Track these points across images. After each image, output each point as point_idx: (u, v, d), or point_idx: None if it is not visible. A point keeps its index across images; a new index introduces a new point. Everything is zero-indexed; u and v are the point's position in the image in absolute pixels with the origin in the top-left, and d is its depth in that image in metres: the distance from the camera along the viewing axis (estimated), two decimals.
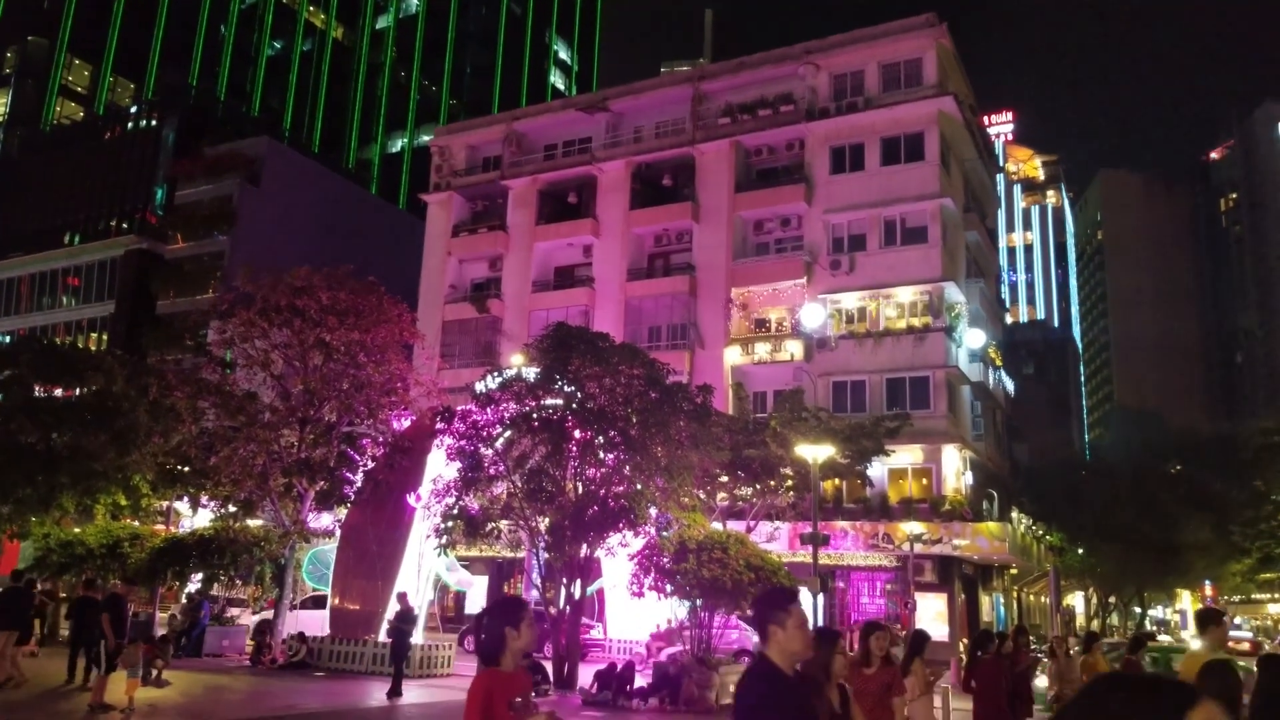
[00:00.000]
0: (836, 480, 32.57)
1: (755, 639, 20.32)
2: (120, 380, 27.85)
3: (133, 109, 68.48)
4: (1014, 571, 39.05)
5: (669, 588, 21.73)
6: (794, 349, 36.28)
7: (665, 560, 21.83)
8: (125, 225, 59.70)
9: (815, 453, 22.91)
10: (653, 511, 23.67)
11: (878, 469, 31.70)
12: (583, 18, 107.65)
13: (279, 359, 26.77)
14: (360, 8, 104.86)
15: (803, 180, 38.25)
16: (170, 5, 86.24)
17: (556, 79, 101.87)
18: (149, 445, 26.53)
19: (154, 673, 17.54)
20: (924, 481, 33.79)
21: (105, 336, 54.04)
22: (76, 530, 27.65)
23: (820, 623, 29.20)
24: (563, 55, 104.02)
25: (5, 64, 78.43)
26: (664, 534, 23.24)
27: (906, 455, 32.96)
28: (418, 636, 22.83)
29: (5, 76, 78.04)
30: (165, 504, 30.91)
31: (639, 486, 23.43)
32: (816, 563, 24.18)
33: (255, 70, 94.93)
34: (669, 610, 24.43)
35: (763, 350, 36.89)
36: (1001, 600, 39.68)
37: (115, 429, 26.20)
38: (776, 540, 29.30)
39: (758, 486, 28.18)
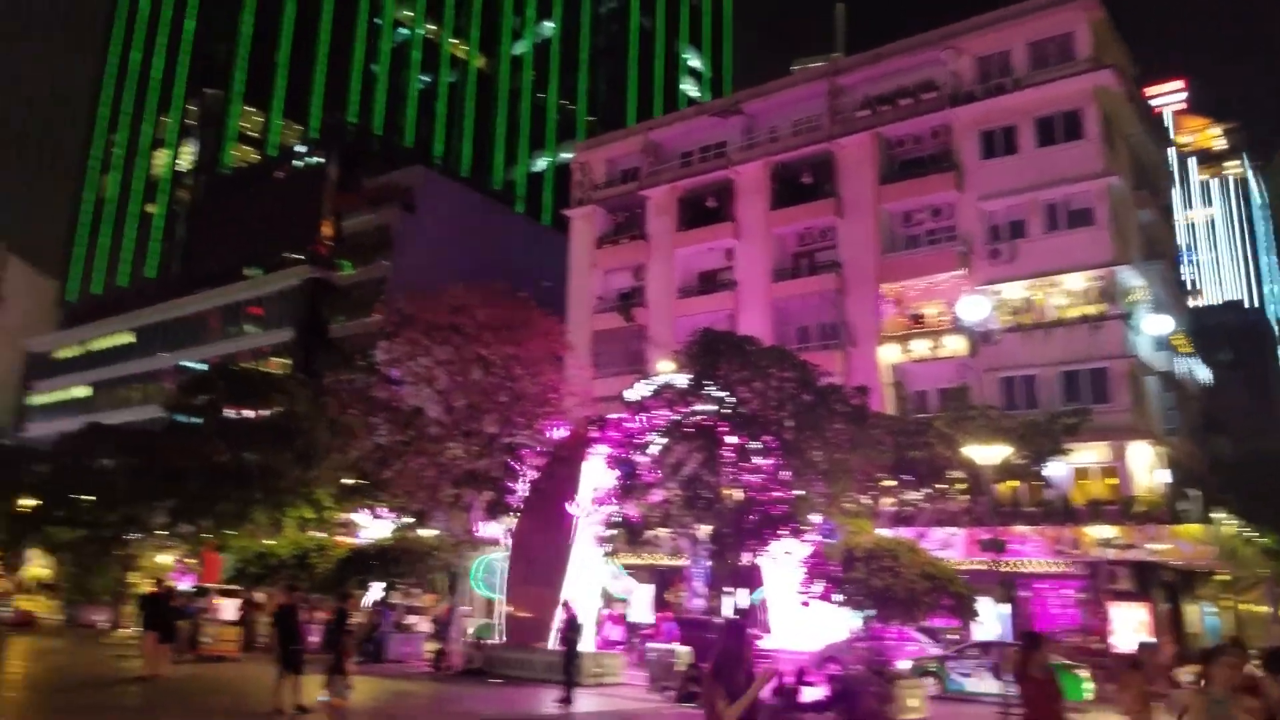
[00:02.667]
0: (1013, 482, 30.96)
1: (935, 650, 19.70)
2: (301, 401, 29.84)
3: (299, 148, 73.16)
4: (1224, 578, 35.62)
5: (838, 597, 21.32)
6: (955, 344, 34.99)
7: (833, 568, 21.45)
8: (299, 257, 63.77)
9: (986, 454, 21.80)
10: (815, 518, 23.34)
11: (1058, 469, 29.84)
12: (712, 25, 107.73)
13: (442, 375, 27.92)
14: (499, 36, 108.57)
15: (952, 168, 36.97)
16: (329, 50, 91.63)
17: (689, 87, 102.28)
18: (329, 461, 28.27)
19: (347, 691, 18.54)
20: (1112, 481, 31.74)
21: (287, 361, 57.85)
22: (269, 542, 29.72)
23: (1009, 633, 27.97)
24: (694, 63, 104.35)
25: (189, 116, 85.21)
26: (829, 541, 22.85)
27: (1089, 453, 31.09)
28: (588, 645, 23.32)
29: (189, 128, 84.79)
30: (346, 516, 32.80)
31: (799, 492, 23.17)
32: (997, 570, 23.20)
33: (406, 104, 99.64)
34: (838, 620, 23.95)
35: (921, 347, 35.79)
36: (1211, 610, 36.17)
37: (299, 447, 28.10)
38: (951, 548, 28.16)
39: (926, 491, 27.18)
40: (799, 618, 24.87)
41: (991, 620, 28.15)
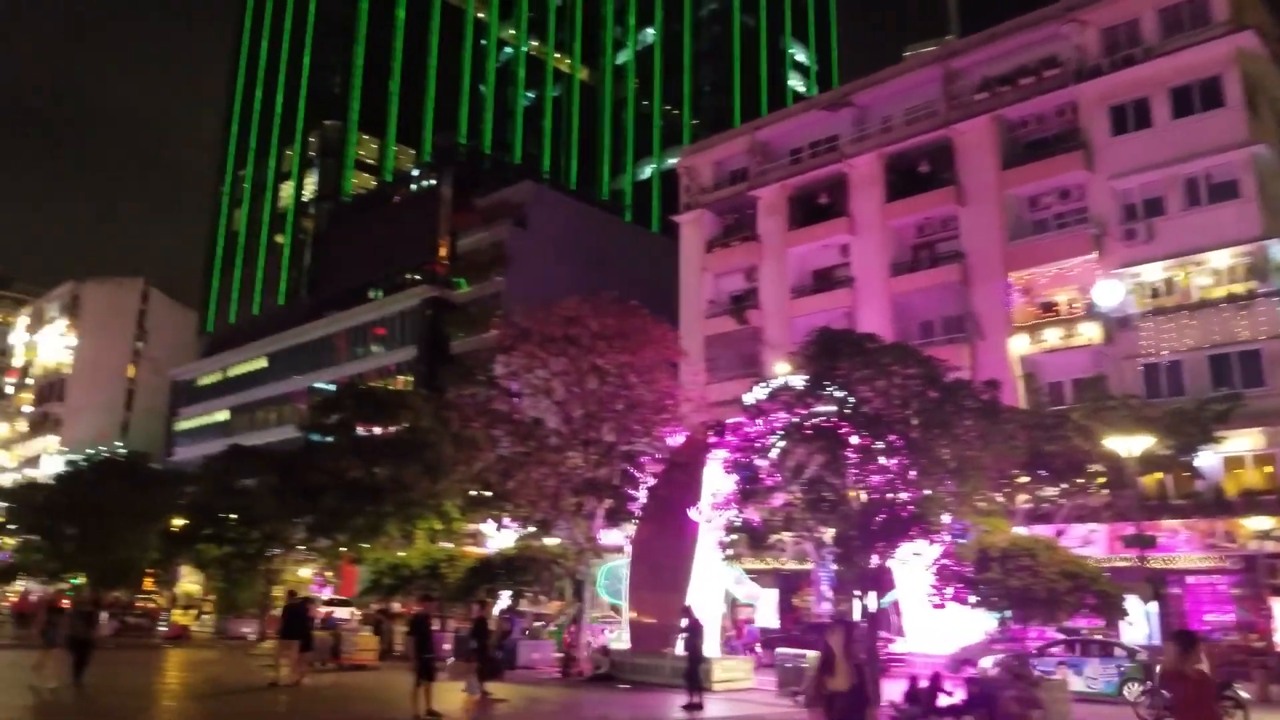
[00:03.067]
0: (1158, 474, 29.19)
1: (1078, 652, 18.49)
2: (426, 416, 30.59)
3: (414, 172, 75.48)
4: None
5: (973, 599, 20.43)
6: (1090, 332, 33.21)
7: (966, 569, 20.59)
8: (418, 277, 65.73)
9: (1129, 445, 20.62)
10: (945, 518, 22.47)
11: (1208, 459, 27.98)
12: (817, 18, 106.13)
13: (559, 386, 28.11)
14: (601, 47, 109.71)
15: (1079, 146, 35.16)
16: (437, 75, 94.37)
17: (795, 82, 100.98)
18: (455, 474, 28.86)
19: (478, 692, 18.85)
20: (1269, 470, 29.54)
21: (410, 378, 59.66)
22: (401, 554, 30.58)
23: (1157, 633, 26.39)
24: (800, 58, 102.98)
25: (310, 148, 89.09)
26: (960, 541, 21.96)
27: (1243, 441, 28.97)
28: (713, 650, 23.05)
29: (311, 159, 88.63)
30: (473, 526, 33.45)
31: (927, 492, 22.34)
32: (1144, 566, 21.87)
33: (513, 121, 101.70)
34: (974, 622, 23.01)
35: (1053, 336, 34.11)
36: None
37: (426, 460, 28.80)
38: (1093, 544, 26.74)
39: (1063, 486, 25.90)
40: (933, 621, 24.02)
41: (1140, 619, 26.59)
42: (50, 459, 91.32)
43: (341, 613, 37.49)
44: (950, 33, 46.99)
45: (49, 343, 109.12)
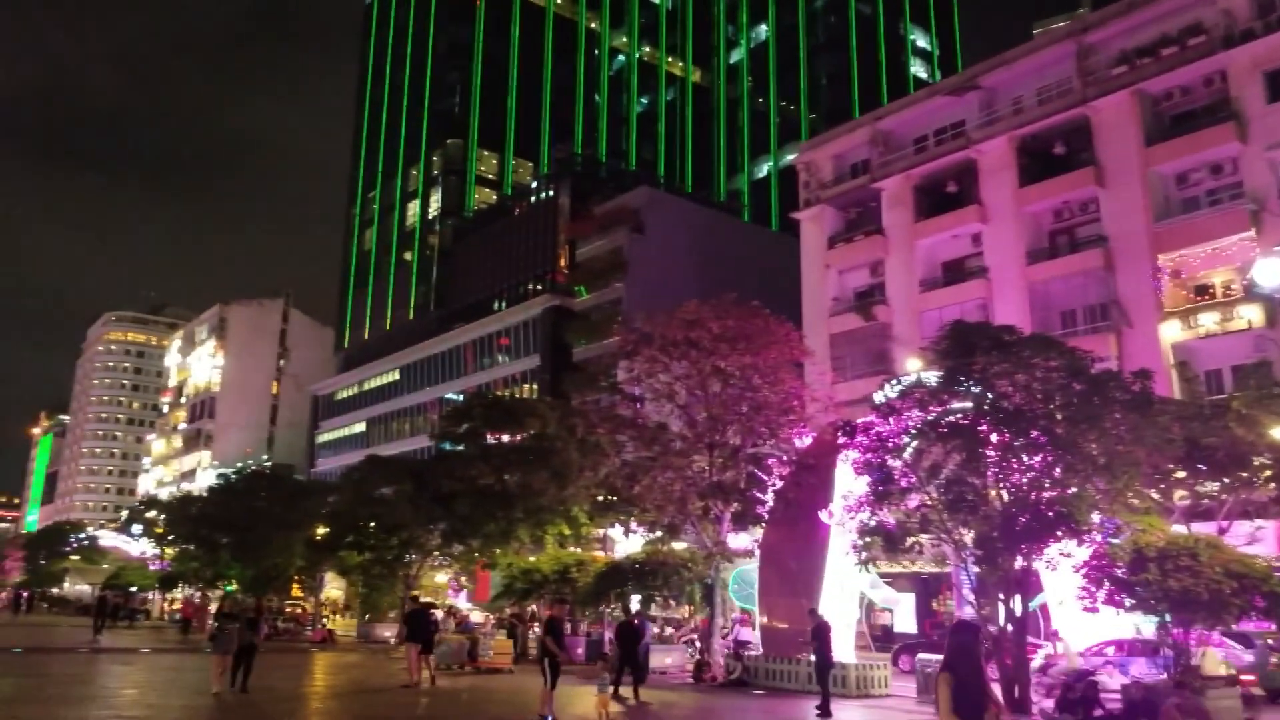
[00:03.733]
0: None
1: (1248, 658, 17.18)
2: (552, 423, 30.90)
3: (533, 184, 76.83)
4: None
5: (1129, 601, 19.18)
6: (1251, 315, 30.82)
7: (1119, 570, 19.35)
8: (539, 287, 66.83)
9: None
10: (1095, 517, 21.19)
11: None
12: (938, 1, 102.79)
13: (681, 390, 27.89)
14: (713, 48, 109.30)
15: (1231, 117, 32.74)
16: (552, 88, 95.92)
17: (917, 68, 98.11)
18: (582, 479, 29.04)
19: (610, 689, 18.78)
20: None
21: (534, 386, 60.63)
22: (532, 559, 30.95)
23: None
24: (920, 43, 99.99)
25: (433, 167, 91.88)
26: (1113, 541, 20.66)
27: None
28: (848, 656, 22.33)
29: (434, 178, 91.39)
30: (601, 531, 33.57)
31: (1074, 489, 21.11)
32: None
33: (628, 128, 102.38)
34: (1129, 626, 21.63)
35: (1209, 321, 31.82)
36: None
37: (553, 467, 29.08)
38: (1260, 541, 24.78)
39: (1225, 480, 24.10)
40: (1085, 624, 22.69)
41: None
42: (204, 473, 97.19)
43: (477, 616, 38.32)
44: (1082, 7, 44.45)
45: (200, 363, 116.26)
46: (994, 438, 22.15)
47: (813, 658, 20.81)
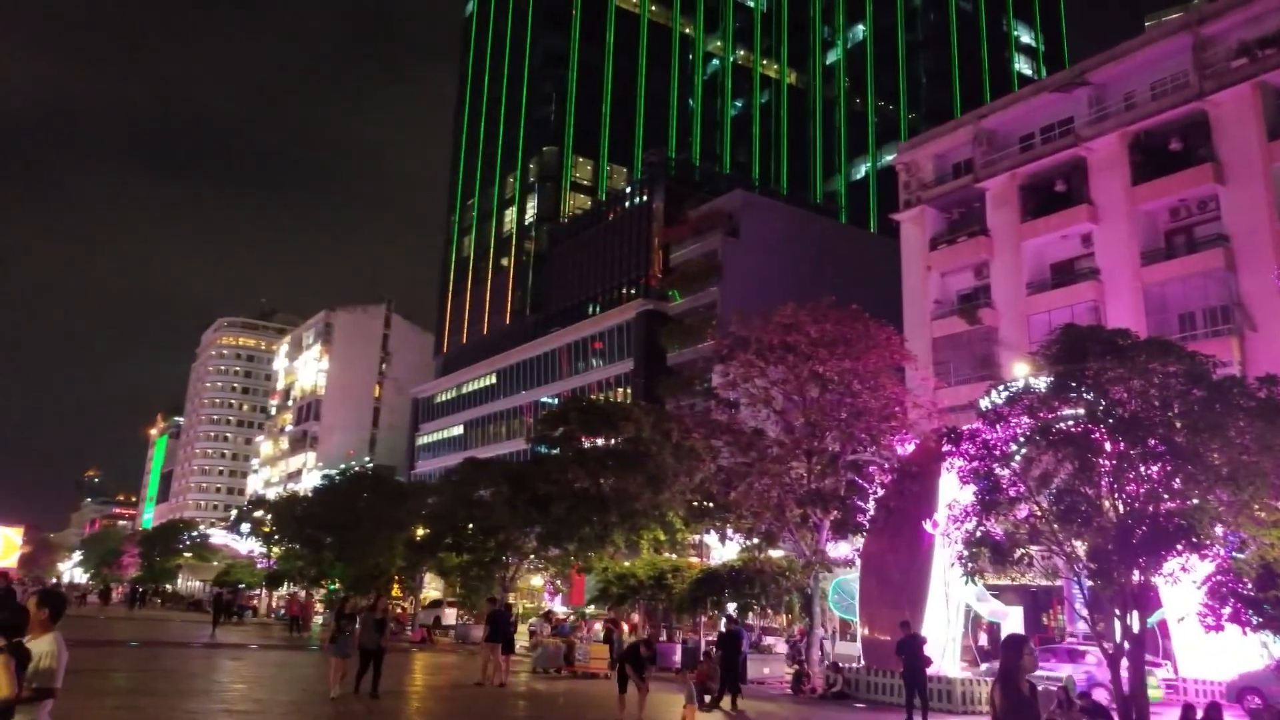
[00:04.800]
0: None
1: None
2: (647, 428, 30.92)
3: (626, 189, 77.26)
4: None
5: (1256, 619, 18.16)
6: None
7: (1246, 587, 18.32)
8: (633, 291, 67.09)
9: None
10: (1218, 530, 20.15)
11: None
12: None
13: (778, 395, 27.56)
14: (809, 49, 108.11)
15: None
16: (646, 94, 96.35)
17: (1021, 65, 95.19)
18: (677, 484, 28.96)
19: (707, 698, 18.66)
20: None
21: (628, 390, 60.88)
22: (627, 564, 30.99)
23: None
24: (1025, 39, 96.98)
25: (529, 174, 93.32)
26: (1237, 555, 19.60)
27: None
28: (953, 670, 21.71)
29: (531, 185, 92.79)
30: (696, 537, 33.43)
31: (1195, 501, 20.11)
32: None
33: (722, 132, 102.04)
34: (1256, 646, 20.48)
35: None
36: None
37: (648, 471, 29.09)
38: None
39: None
40: (1208, 644, 21.57)
41: None
42: (309, 474, 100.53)
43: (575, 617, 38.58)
44: None
45: (306, 367, 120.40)
46: (1108, 446, 21.32)
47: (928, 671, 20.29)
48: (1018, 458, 22.00)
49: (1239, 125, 33.84)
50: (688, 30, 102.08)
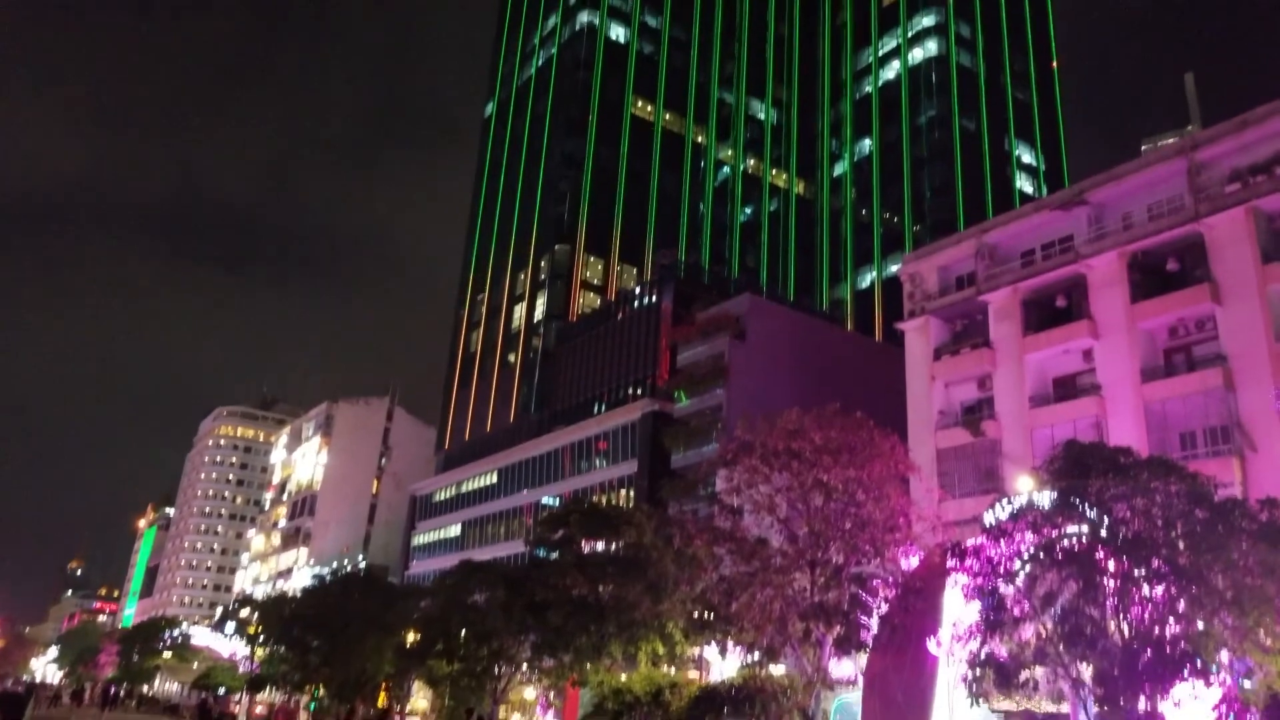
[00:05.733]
0: None
1: None
2: (649, 532, 30.75)
3: (636, 290, 78.44)
4: None
5: None
6: None
7: (1254, 716, 18.00)
8: (639, 391, 67.40)
9: None
10: (1224, 656, 19.86)
11: None
12: (1042, 117, 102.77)
13: (782, 502, 27.56)
14: (818, 161, 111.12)
15: None
16: (658, 197, 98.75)
17: (1023, 183, 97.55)
18: (677, 593, 28.63)
19: None
20: None
21: (631, 492, 60.59)
22: (624, 678, 30.32)
23: None
24: (1026, 158, 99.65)
25: (540, 271, 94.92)
26: (1245, 683, 19.28)
27: None
28: None
29: (542, 282, 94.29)
30: (696, 650, 32.78)
31: (1200, 625, 19.89)
32: None
33: (731, 236, 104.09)
34: None
35: None
36: None
37: (648, 579, 28.80)
38: None
39: None
40: None
41: None
42: (300, 571, 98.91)
43: None
44: (1191, 123, 43.81)
45: (304, 460, 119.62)
46: (1112, 566, 21.22)
47: None
48: (1022, 575, 21.88)
49: (1234, 247, 34.54)
50: (700, 139, 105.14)
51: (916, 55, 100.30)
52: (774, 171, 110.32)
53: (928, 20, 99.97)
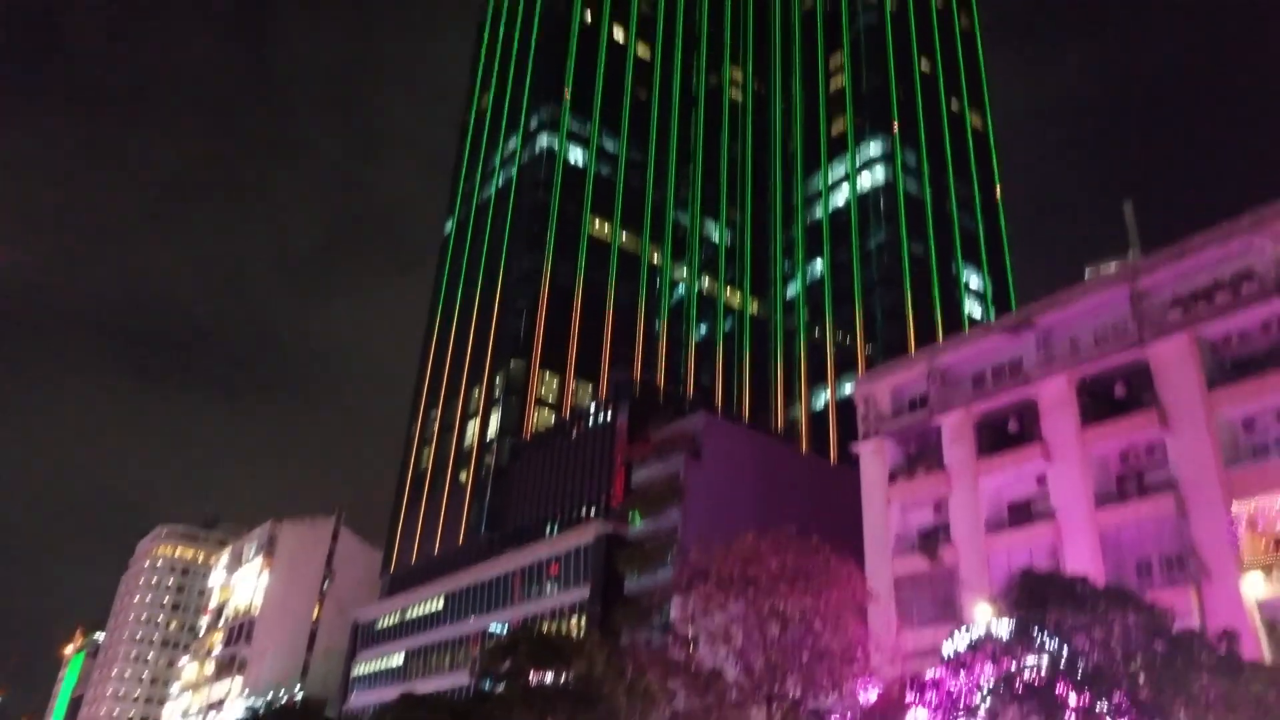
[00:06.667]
0: None
1: None
2: (600, 663, 29.54)
3: (591, 407, 78.07)
4: None
5: None
6: None
7: None
8: (593, 511, 66.24)
9: None
10: None
11: None
12: (988, 242, 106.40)
13: (738, 632, 26.80)
14: (771, 281, 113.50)
15: None
16: (615, 315, 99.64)
17: (971, 306, 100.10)
18: None
19: None
20: None
21: (583, 619, 58.72)
22: None
23: None
24: (973, 283, 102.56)
25: (495, 387, 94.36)
26: None
27: None
28: None
29: (496, 398, 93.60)
30: None
31: None
32: None
33: (686, 354, 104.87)
34: None
35: None
36: None
37: (599, 714, 27.49)
38: None
39: None
40: None
41: None
42: (233, 703, 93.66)
43: None
44: (1131, 249, 45.22)
45: (244, 583, 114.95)
46: (1074, 700, 20.71)
47: None
48: (983, 710, 21.25)
49: (1180, 373, 35.22)
50: (656, 258, 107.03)
51: (865, 182, 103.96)
52: (728, 291, 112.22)
53: (875, 149, 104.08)
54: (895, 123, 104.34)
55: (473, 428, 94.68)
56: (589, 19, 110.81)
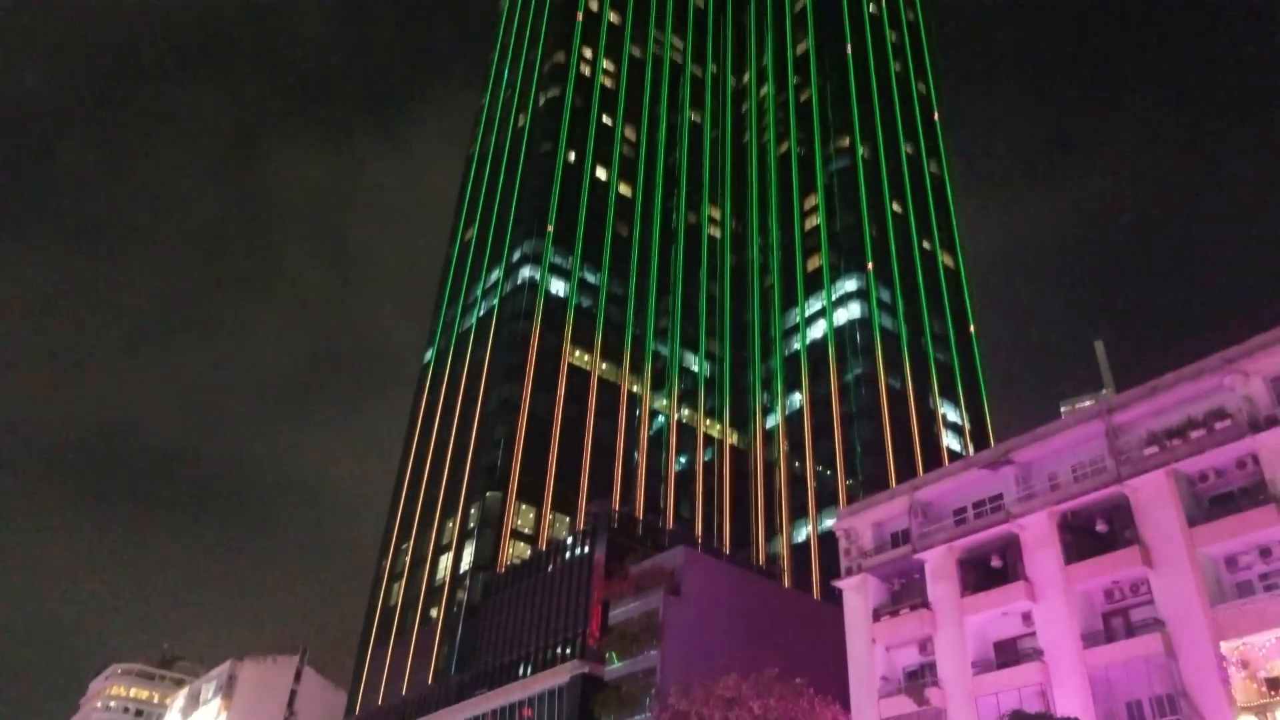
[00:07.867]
0: None
1: None
2: None
3: (568, 540, 76.67)
4: None
5: None
6: None
7: None
8: (569, 651, 64.10)
9: None
10: None
11: None
12: (964, 377, 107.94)
13: None
14: (750, 413, 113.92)
15: (1271, 500, 32.46)
16: (593, 445, 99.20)
17: (950, 440, 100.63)
18: None
19: None
20: None
21: None
22: None
23: None
24: (951, 416, 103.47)
25: (470, 519, 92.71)
26: None
27: None
28: None
29: (470, 530, 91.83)
30: None
31: None
32: None
33: (665, 486, 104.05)
34: None
35: None
36: None
37: None
38: None
39: None
40: None
41: None
42: None
43: None
44: (1106, 387, 46.04)
45: None
46: None
47: None
48: None
49: (1160, 509, 35.24)
50: (635, 388, 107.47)
51: (841, 317, 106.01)
52: (708, 422, 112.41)
53: (850, 285, 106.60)
54: (870, 261, 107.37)
55: (445, 561, 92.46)
56: (573, 158, 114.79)
